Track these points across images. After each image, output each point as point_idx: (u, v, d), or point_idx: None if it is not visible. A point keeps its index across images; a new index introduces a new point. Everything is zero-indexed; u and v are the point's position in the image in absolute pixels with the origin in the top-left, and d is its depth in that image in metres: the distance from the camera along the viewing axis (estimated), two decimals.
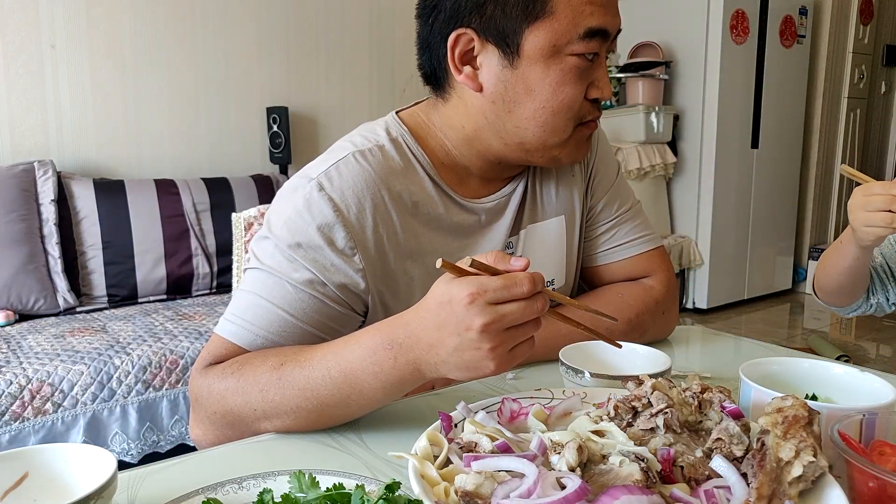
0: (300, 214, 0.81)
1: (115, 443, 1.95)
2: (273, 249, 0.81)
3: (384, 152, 0.87)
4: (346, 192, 0.82)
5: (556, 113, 0.84)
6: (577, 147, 0.89)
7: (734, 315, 4.26)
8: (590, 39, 0.81)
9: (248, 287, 0.81)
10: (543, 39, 0.80)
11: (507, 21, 0.80)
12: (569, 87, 0.82)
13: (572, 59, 0.81)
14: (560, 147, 0.87)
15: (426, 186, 0.89)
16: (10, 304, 2.35)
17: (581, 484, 0.48)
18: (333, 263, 0.81)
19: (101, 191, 2.61)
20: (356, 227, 0.82)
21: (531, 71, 0.82)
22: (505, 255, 0.64)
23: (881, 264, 1.26)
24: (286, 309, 0.79)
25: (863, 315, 1.32)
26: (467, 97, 0.87)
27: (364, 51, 3.60)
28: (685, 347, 1.05)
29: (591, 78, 0.84)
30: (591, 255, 1.05)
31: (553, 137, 0.86)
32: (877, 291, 1.27)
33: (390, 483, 0.52)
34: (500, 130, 0.87)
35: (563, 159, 0.90)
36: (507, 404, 0.67)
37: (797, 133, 4.52)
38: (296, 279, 0.79)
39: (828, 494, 0.50)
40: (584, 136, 0.89)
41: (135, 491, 0.61)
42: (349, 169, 0.84)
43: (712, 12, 3.97)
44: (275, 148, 3.22)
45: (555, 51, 0.81)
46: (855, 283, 1.22)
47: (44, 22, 2.70)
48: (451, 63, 0.84)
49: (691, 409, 0.60)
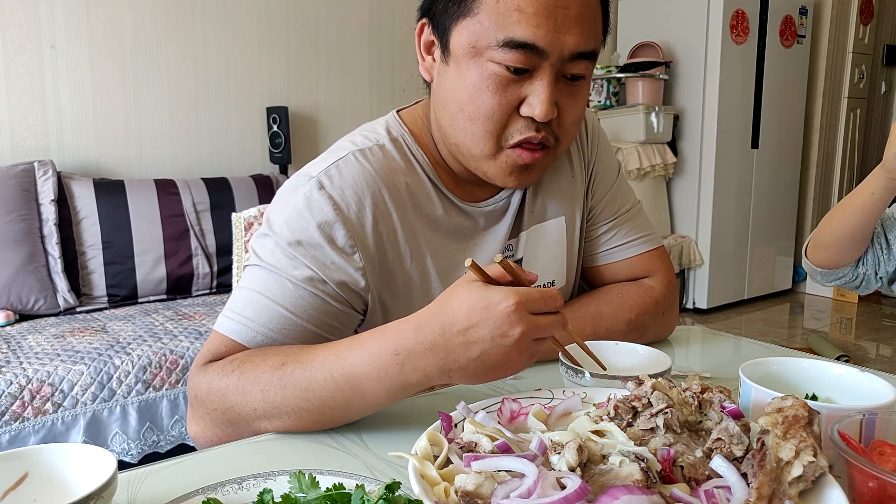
0: (300, 212, 0.81)
1: (115, 443, 1.95)
2: (273, 247, 0.81)
3: (385, 152, 0.87)
4: (347, 190, 0.82)
5: (472, 119, 0.80)
6: (506, 171, 0.83)
7: (734, 315, 4.26)
8: (511, 51, 0.75)
9: (248, 284, 0.81)
10: (465, 38, 0.78)
11: (443, 14, 0.81)
12: (486, 94, 0.78)
13: (492, 66, 0.77)
14: (486, 162, 0.83)
15: (426, 187, 0.89)
16: (10, 304, 2.35)
17: (581, 484, 0.48)
18: (333, 261, 0.81)
19: (101, 191, 2.61)
20: (356, 226, 0.82)
21: (457, 69, 0.80)
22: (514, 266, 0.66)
23: (878, 232, 1.24)
24: (286, 306, 0.79)
25: (845, 287, 1.28)
26: (431, 90, 0.88)
27: (364, 51, 3.60)
28: (685, 347, 1.05)
29: (521, 92, 0.78)
30: (591, 255, 1.05)
31: (475, 147, 0.82)
32: (867, 261, 1.24)
33: (390, 483, 0.52)
34: (441, 128, 0.87)
35: (495, 180, 0.85)
36: (507, 404, 0.67)
37: (797, 133, 4.52)
38: (296, 276, 0.79)
39: (828, 494, 0.50)
40: (515, 163, 0.82)
41: (135, 491, 0.61)
42: (349, 168, 0.84)
43: (712, 12, 3.97)
44: (275, 148, 3.22)
45: (474, 52, 0.77)
46: (858, 228, 1.17)
47: (44, 22, 2.70)
48: (418, 52, 0.87)
49: (691, 409, 0.60)
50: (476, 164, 0.85)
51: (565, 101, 0.81)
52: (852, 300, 4.49)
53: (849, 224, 1.18)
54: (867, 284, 1.26)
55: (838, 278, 1.27)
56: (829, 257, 1.25)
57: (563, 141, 0.84)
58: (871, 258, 1.23)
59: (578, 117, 0.84)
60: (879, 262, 1.23)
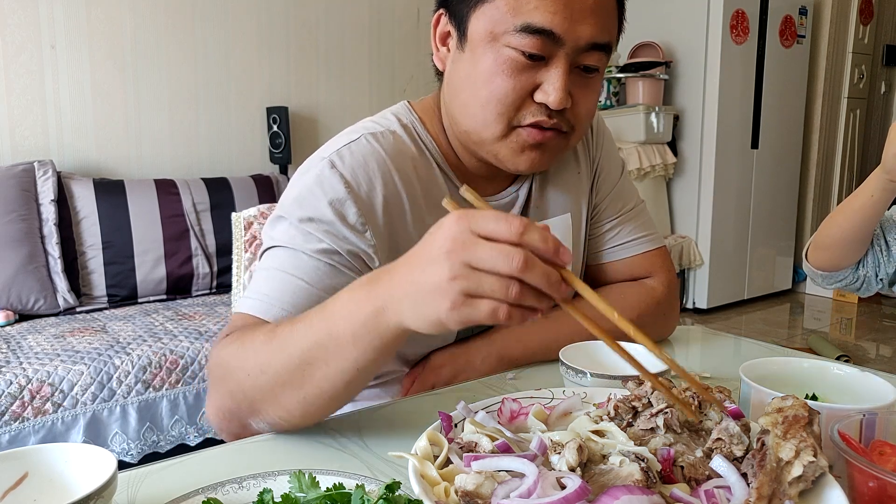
0: (311, 191, 0.81)
1: (115, 443, 1.95)
2: (287, 226, 0.81)
3: (396, 137, 0.88)
4: (358, 170, 0.83)
5: (484, 104, 0.80)
6: (516, 152, 0.83)
7: (734, 315, 4.26)
8: (528, 36, 0.76)
9: (264, 265, 0.81)
10: (483, 24, 0.79)
11: (461, 3, 0.81)
12: (500, 78, 0.78)
13: (508, 52, 0.77)
14: (497, 143, 0.83)
15: (435, 174, 0.90)
16: (10, 304, 2.35)
17: (581, 484, 0.48)
18: (346, 236, 0.81)
19: (101, 191, 2.61)
20: (367, 205, 0.82)
21: (472, 56, 0.81)
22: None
23: (878, 235, 1.24)
24: (302, 277, 0.78)
25: (846, 290, 1.28)
26: (443, 81, 0.89)
27: (364, 51, 3.60)
28: (685, 347, 1.05)
29: (537, 78, 0.79)
30: (593, 252, 1.05)
31: (485, 131, 0.82)
32: (867, 263, 1.24)
33: (390, 483, 0.52)
34: (451, 116, 0.87)
35: (506, 162, 0.85)
36: (507, 404, 0.67)
37: (797, 133, 4.52)
38: (310, 249, 0.79)
39: (828, 494, 0.50)
40: (525, 141, 0.82)
41: (135, 491, 0.61)
42: (361, 149, 0.84)
43: (712, 12, 3.97)
44: (275, 148, 3.22)
45: (492, 38, 0.78)
46: (858, 230, 1.17)
47: (44, 22, 2.70)
48: (432, 42, 0.87)
49: (691, 409, 0.60)
50: (488, 149, 0.85)
51: (579, 92, 0.81)
52: (852, 300, 4.49)
53: (849, 226, 1.18)
54: (868, 286, 1.26)
55: (839, 281, 1.27)
56: (830, 260, 1.25)
57: (576, 130, 0.85)
58: (872, 260, 1.23)
59: (591, 110, 0.85)
60: (880, 263, 1.23)
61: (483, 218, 0.53)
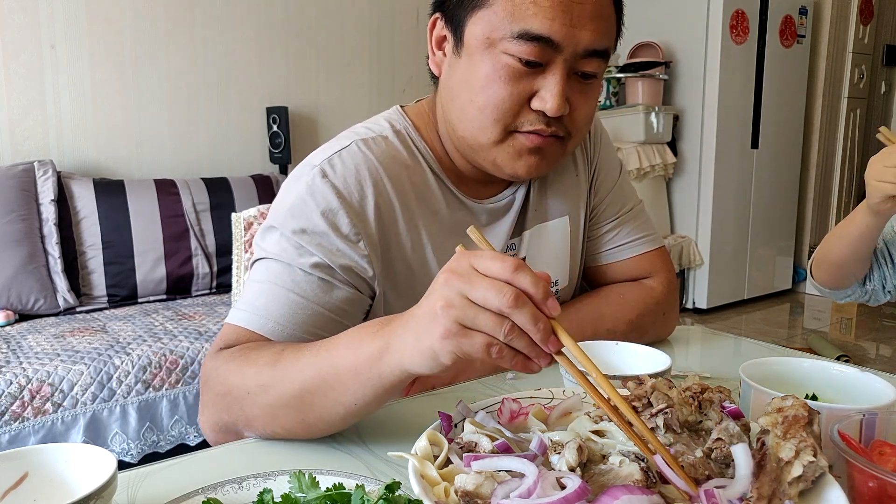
0: (304, 201, 0.81)
1: (115, 443, 1.95)
2: (279, 238, 0.81)
3: (388, 143, 0.88)
4: (349, 178, 0.82)
5: (481, 110, 0.80)
6: (514, 156, 0.83)
7: (734, 315, 4.26)
8: (526, 42, 0.75)
9: (256, 277, 0.81)
10: (480, 29, 0.78)
11: (458, 8, 0.81)
12: (497, 85, 0.78)
13: (505, 58, 0.77)
14: (494, 149, 0.82)
15: (428, 180, 0.89)
16: (10, 304, 2.35)
17: (581, 484, 0.48)
18: (339, 248, 0.80)
19: (101, 191, 2.61)
20: (359, 214, 0.82)
21: (469, 62, 0.80)
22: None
23: (881, 249, 1.25)
24: (296, 291, 0.78)
25: (856, 302, 1.30)
26: (439, 85, 0.88)
27: (364, 51, 3.60)
28: (685, 347, 1.05)
29: (534, 85, 0.78)
30: (593, 254, 1.05)
31: (482, 136, 0.82)
32: (873, 278, 1.25)
33: (390, 483, 0.52)
34: (448, 121, 0.87)
35: (504, 168, 0.84)
36: (507, 404, 0.67)
37: (797, 133, 4.52)
38: (304, 263, 0.79)
39: (828, 494, 0.50)
40: (523, 146, 0.82)
41: (135, 491, 0.61)
42: (352, 156, 0.84)
43: (712, 12, 3.97)
44: (275, 148, 3.22)
45: (489, 44, 0.78)
46: (857, 256, 1.19)
47: (44, 22, 2.70)
48: (429, 46, 0.87)
49: (691, 409, 0.60)
50: (485, 155, 0.84)
51: (577, 98, 0.81)
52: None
53: (848, 250, 1.19)
54: (876, 298, 1.27)
55: (847, 296, 1.29)
56: (832, 280, 1.27)
57: (574, 136, 0.84)
58: (878, 275, 1.25)
59: (589, 116, 0.85)
60: (886, 277, 1.24)
61: (483, 255, 0.55)
